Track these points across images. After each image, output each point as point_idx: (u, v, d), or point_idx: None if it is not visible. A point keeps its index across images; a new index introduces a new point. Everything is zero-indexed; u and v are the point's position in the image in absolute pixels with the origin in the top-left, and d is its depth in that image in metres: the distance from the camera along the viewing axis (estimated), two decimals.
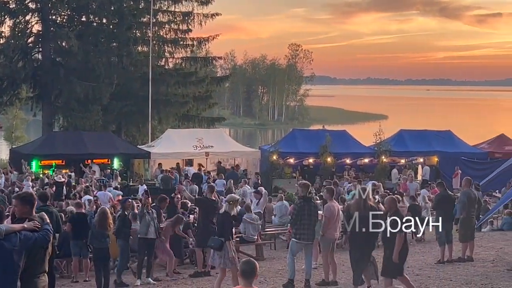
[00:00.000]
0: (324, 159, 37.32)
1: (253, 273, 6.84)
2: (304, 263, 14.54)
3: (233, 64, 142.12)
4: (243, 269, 6.90)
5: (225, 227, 14.03)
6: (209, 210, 16.26)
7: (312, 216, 14.16)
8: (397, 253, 12.39)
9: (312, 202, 14.46)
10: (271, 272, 16.50)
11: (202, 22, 50.96)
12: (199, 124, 49.82)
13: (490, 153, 40.08)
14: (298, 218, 14.06)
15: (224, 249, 13.77)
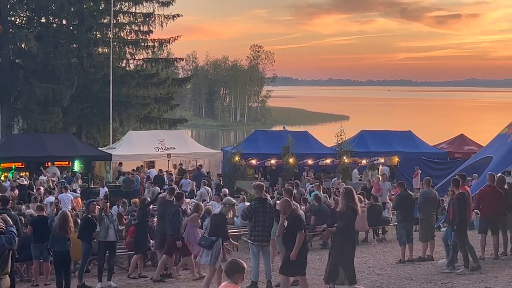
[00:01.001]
0: (286, 160, 37.44)
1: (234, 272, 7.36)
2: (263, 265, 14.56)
3: (195, 65, 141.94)
4: (226, 269, 7.50)
5: (220, 227, 14.11)
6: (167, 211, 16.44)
7: (267, 217, 14.18)
8: (295, 252, 12.50)
9: (268, 203, 14.48)
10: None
11: (163, 24, 50.77)
12: (160, 126, 49.62)
13: (450, 153, 40.53)
14: (253, 220, 14.10)
15: (213, 248, 13.79)
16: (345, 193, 13.24)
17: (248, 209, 14.50)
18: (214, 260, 13.93)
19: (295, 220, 12.89)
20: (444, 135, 50.35)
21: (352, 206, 12.94)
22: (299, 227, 12.72)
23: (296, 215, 13.04)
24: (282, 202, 13.34)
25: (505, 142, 27.73)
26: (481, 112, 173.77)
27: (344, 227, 12.97)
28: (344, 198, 13.15)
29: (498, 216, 16.35)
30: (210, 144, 73.08)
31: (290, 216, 12.93)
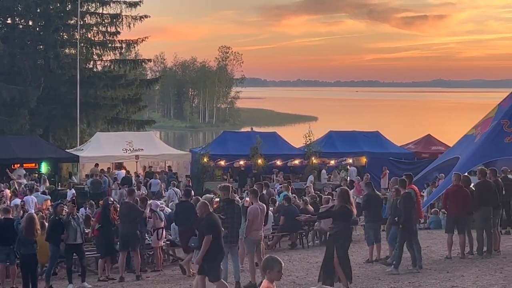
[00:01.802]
0: (255, 161, 37.47)
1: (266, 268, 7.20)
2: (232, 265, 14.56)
3: (163, 66, 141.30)
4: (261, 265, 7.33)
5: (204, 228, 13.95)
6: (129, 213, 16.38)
7: (235, 218, 14.18)
8: (201, 255, 12.56)
9: (235, 204, 14.47)
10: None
11: (131, 24, 50.65)
12: (128, 127, 49.42)
13: (417, 153, 40.84)
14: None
15: None
16: (340, 194, 13.29)
17: (216, 210, 14.49)
18: None
19: (206, 223, 12.89)
20: (412, 135, 50.73)
21: (347, 207, 12.99)
22: (207, 231, 12.71)
23: (209, 218, 12.96)
24: (199, 205, 13.31)
25: (472, 143, 28.10)
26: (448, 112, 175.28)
27: (340, 228, 13.00)
28: (339, 199, 13.19)
29: (464, 215, 16.51)
30: (179, 145, 72.89)
31: (204, 219, 12.94)
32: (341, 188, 14.28)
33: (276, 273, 7.12)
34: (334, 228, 13.15)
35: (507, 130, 26.72)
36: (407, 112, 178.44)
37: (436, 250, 17.91)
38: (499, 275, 14.15)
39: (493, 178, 17.48)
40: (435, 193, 27.11)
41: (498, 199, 17.04)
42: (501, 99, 29.91)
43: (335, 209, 13.35)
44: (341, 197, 13.17)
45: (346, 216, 13.02)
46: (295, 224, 21.18)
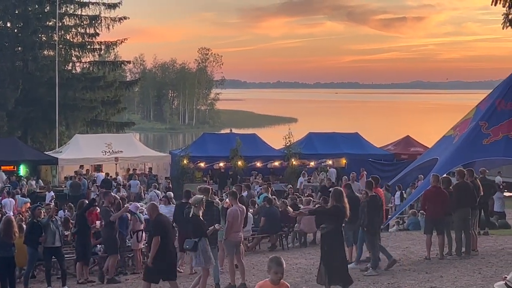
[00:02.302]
0: (235, 162, 37.47)
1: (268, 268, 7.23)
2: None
3: (143, 68, 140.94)
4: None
5: (197, 228, 13.90)
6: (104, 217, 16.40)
7: (214, 220, 14.17)
8: (152, 256, 12.74)
9: (214, 206, 14.45)
10: (180, 277, 16.45)
11: (110, 26, 50.53)
12: (108, 129, 49.25)
13: (396, 154, 41.07)
14: None
15: (198, 249, 13.68)
16: (334, 194, 13.30)
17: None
18: (204, 260, 13.77)
19: (154, 225, 13.11)
20: (391, 136, 50.98)
21: (340, 207, 13.01)
22: (154, 232, 12.86)
23: (157, 220, 13.12)
24: (148, 207, 13.46)
25: (450, 144, 28.18)
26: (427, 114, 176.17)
27: (333, 229, 13.01)
28: (333, 199, 13.20)
29: (443, 216, 16.59)
30: (159, 147, 72.72)
31: (153, 221, 13.14)
32: (335, 188, 14.29)
33: (272, 274, 7.17)
34: (325, 228, 13.15)
35: (485, 132, 26.82)
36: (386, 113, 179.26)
37: (415, 251, 17.98)
38: (478, 275, 14.23)
39: (470, 179, 17.58)
40: (414, 194, 27.22)
41: (476, 200, 17.15)
42: (479, 101, 30.09)
43: (329, 208, 13.39)
44: (334, 197, 13.19)
45: (339, 216, 13.06)
46: (275, 226, 21.22)
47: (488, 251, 17.27)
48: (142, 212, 19.33)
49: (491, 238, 19.65)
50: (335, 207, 13.07)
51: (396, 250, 18.35)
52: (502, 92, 28.17)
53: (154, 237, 12.81)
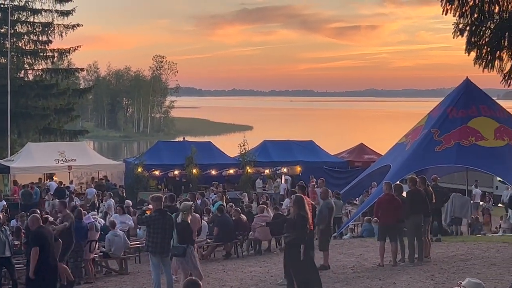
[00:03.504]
0: (190, 170, 37.36)
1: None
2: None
3: (97, 75, 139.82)
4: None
5: (185, 235, 13.90)
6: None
7: (167, 229, 14.11)
8: (32, 268, 12.69)
9: (168, 215, 14.38)
10: (136, 287, 16.35)
11: (63, 33, 50.11)
12: (61, 137, 48.71)
13: (350, 162, 41.36)
14: (152, 231, 14.02)
15: (187, 255, 13.68)
16: (295, 201, 13.26)
17: (147, 217, 14.43)
18: (193, 265, 13.75)
19: (33, 236, 13.09)
20: (345, 144, 51.30)
21: (303, 214, 13.00)
22: (33, 243, 12.88)
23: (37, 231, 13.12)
24: (30, 218, 13.62)
25: (403, 151, 28.51)
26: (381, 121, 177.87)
27: (297, 237, 13.00)
28: (295, 206, 13.18)
29: (395, 223, 16.75)
30: (113, 155, 72.19)
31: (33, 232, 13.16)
32: (296, 195, 14.28)
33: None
34: (289, 236, 13.15)
35: (437, 139, 27.20)
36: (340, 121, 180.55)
37: (369, 258, 18.10)
38: (430, 282, 14.39)
39: (423, 187, 17.78)
40: (367, 202, 27.44)
41: (428, 207, 17.35)
42: (431, 108, 30.50)
43: (291, 216, 13.36)
44: (296, 204, 13.19)
45: (301, 223, 13.06)
46: (229, 234, 21.19)
47: (441, 258, 17.48)
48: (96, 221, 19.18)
49: (443, 244, 19.89)
50: (298, 215, 13.09)
51: (350, 257, 18.48)
52: (454, 100, 28.62)
53: (33, 247, 12.73)
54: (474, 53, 17.92)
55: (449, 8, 17.43)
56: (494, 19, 17.64)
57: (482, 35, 17.69)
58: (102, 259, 19.03)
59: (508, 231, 24.50)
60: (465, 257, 17.45)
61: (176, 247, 14.01)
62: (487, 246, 19.14)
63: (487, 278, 14.28)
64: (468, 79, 29.11)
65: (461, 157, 26.45)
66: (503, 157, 26.01)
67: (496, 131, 27.07)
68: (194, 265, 13.87)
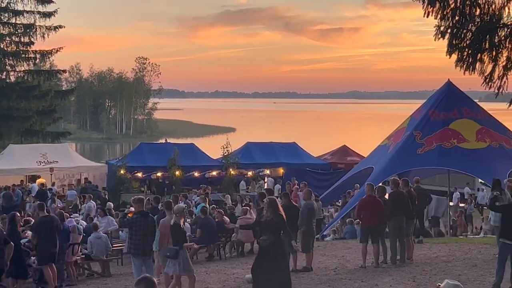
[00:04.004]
0: (173, 172, 37.29)
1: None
2: None
3: (79, 77, 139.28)
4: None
5: (177, 236, 13.84)
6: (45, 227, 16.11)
7: (149, 231, 14.09)
8: None
9: (149, 217, 14.37)
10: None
11: (45, 35, 49.77)
12: (43, 139, 48.44)
13: (333, 164, 41.42)
14: (134, 233, 14.00)
15: (179, 257, 13.62)
16: (269, 204, 13.23)
17: (129, 219, 14.40)
18: (184, 268, 13.73)
19: None
20: (328, 146, 51.39)
21: (281, 214, 12.99)
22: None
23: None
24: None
25: (385, 153, 28.61)
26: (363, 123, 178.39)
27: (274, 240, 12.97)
28: (269, 209, 13.15)
29: (378, 225, 16.80)
30: (95, 157, 71.92)
31: None
32: (269, 197, 14.25)
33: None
34: (267, 240, 13.09)
35: (419, 142, 27.32)
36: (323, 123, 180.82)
37: (351, 259, 18.15)
38: (412, 283, 14.44)
39: (406, 189, 17.85)
40: (350, 203, 27.50)
41: (411, 208, 17.41)
42: (413, 110, 30.63)
43: (266, 220, 13.33)
44: (270, 207, 13.16)
45: (279, 226, 13.05)
46: (212, 236, 21.17)
47: (423, 259, 17.55)
48: (78, 223, 19.13)
49: (425, 246, 19.97)
50: (278, 216, 13.08)
51: (332, 259, 18.53)
52: (436, 102, 28.76)
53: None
54: (456, 55, 18.05)
55: (430, 11, 17.54)
56: (475, 22, 17.76)
57: (463, 37, 17.82)
58: (84, 262, 18.96)
59: (489, 232, 24.60)
60: (447, 258, 17.55)
61: (169, 248, 14.04)
62: (469, 248, 19.25)
63: (469, 279, 14.37)
64: (450, 81, 29.27)
65: (443, 159, 26.59)
66: (485, 159, 26.17)
67: (478, 133, 27.24)
68: (186, 268, 13.84)
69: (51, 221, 16.48)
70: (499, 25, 17.76)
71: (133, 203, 14.77)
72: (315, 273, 16.40)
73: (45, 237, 16.20)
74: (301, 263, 17.03)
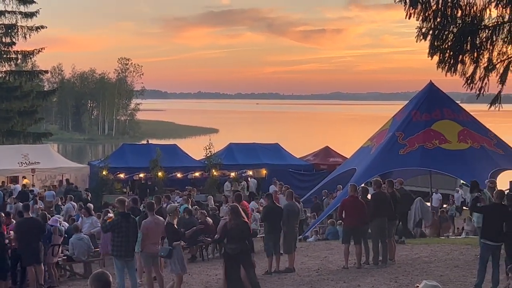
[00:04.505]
0: (155, 173, 37.19)
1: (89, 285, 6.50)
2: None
3: (61, 78, 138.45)
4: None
5: (172, 236, 13.89)
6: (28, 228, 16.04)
7: (131, 232, 14.07)
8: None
9: (131, 218, 14.34)
10: None
11: (27, 35, 49.51)
12: (24, 140, 48.18)
13: (316, 165, 41.47)
14: (115, 235, 13.97)
15: (173, 256, 13.66)
16: (231, 211, 13.27)
17: (110, 223, 14.37)
18: (180, 267, 13.70)
19: None
20: (310, 147, 51.42)
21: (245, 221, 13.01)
22: None
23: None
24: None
25: (368, 154, 28.73)
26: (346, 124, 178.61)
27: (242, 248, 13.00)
28: (232, 216, 13.17)
29: (360, 226, 16.85)
30: (77, 158, 71.55)
31: None
32: (231, 205, 14.31)
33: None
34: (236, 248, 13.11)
35: (401, 142, 27.46)
36: (306, 124, 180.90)
37: (334, 260, 18.19)
38: (394, 284, 14.50)
39: (390, 190, 17.93)
40: (332, 204, 27.57)
41: (393, 209, 17.46)
42: (396, 112, 30.76)
43: (231, 227, 13.33)
44: (233, 214, 13.22)
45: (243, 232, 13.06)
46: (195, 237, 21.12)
47: (405, 260, 17.62)
48: (60, 224, 19.02)
49: (407, 247, 20.05)
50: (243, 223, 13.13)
51: (315, 259, 18.56)
52: (417, 104, 28.93)
53: None
54: (437, 57, 18.09)
55: (412, 12, 17.56)
56: (456, 23, 17.81)
57: (444, 39, 17.86)
58: (66, 263, 18.87)
59: (471, 233, 24.74)
60: (429, 259, 17.63)
61: (163, 248, 14.07)
62: (451, 248, 19.35)
63: (450, 280, 14.44)
64: (432, 82, 29.44)
65: (425, 160, 26.75)
66: (466, 160, 26.34)
67: (460, 134, 27.43)
68: (181, 267, 13.84)
69: (33, 222, 16.43)
70: (481, 27, 17.83)
71: (116, 203, 14.74)
72: (297, 274, 16.43)
73: (29, 238, 16.14)
74: (284, 264, 17.05)
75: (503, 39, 18.00)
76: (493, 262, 13.61)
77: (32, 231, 16.18)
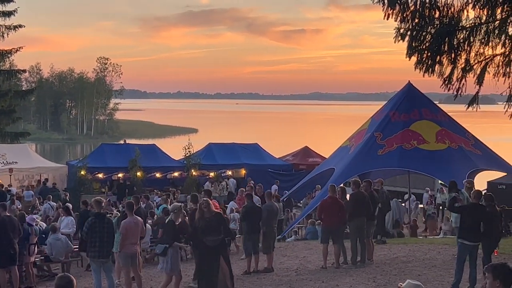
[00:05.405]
0: (134, 173, 37.08)
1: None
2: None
3: (39, 77, 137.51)
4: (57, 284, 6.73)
5: (169, 234, 13.96)
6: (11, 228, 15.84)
7: (106, 233, 14.02)
8: None
9: (106, 218, 14.29)
10: None
11: (4, 34, 49.10)
12: (2, 140, 47.76)
13: (295, 165, 41.56)
14: (90, 235, 13.93)
15: (167, 255, 13.65)
16: (205, 205, 13.37)
17: (85, 226, 14.30)
18: (171, 267, 13.63)
19: None
20: (289, 147, 51.49)
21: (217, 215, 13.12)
22: None
23: None
24: None
25: (347, 154, 28.80)
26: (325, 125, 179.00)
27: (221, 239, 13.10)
28: (206, 210, 13.28)
29: (338, 226, 16.89)
30: (56, 158, 71.11)
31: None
32: (204, 199, 14.42)
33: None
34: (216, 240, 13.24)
35: (380, 143, 27.55)
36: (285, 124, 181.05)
37: (312, 260, 18.21)
38: (372, 283, 14.55)
39: (369, 190, 17.99)
40: (311, 204, 27.62)
41: (371, 210, 17.53)
42: (374, 112, 30.87)
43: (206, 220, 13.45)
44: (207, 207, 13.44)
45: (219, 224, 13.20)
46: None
47: (383, 260, 17.69)
48: (37, 224, 18.90)
49: (385, 246, 20.12)
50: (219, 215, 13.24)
51: (294, 260, 18.58)
52: (396, 104, 29.04)
53: None
54: (415, 57, 18.19)
55: (390, 13, 17.65)
56: (434, 24, 17.92)
57: (422, 40, 17.97)
58: (44, 263, 18.76)
59: (449, 233, 24.87)
60: (407, 259, 17.71)
61: (159, 246, 14.08)
62: (428, 248, 19.44)
63: (428, 279, 14.51)
64: (410, 83, 29.57)
65: (403, 160, 26.85)
66: (444, 160, 26.48)
67: (438, 134, 27.57)
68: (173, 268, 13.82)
69: (9, 222, 16.27)
70: (458, 28, 17.96)
71: (92, 204, 14.67)
72: (276, 274, 16.44)
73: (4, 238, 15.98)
74: (262, 264, 17.05)
75: (480, 40, 18.13)
76: (470, 261, 13.69)
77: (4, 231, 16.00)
